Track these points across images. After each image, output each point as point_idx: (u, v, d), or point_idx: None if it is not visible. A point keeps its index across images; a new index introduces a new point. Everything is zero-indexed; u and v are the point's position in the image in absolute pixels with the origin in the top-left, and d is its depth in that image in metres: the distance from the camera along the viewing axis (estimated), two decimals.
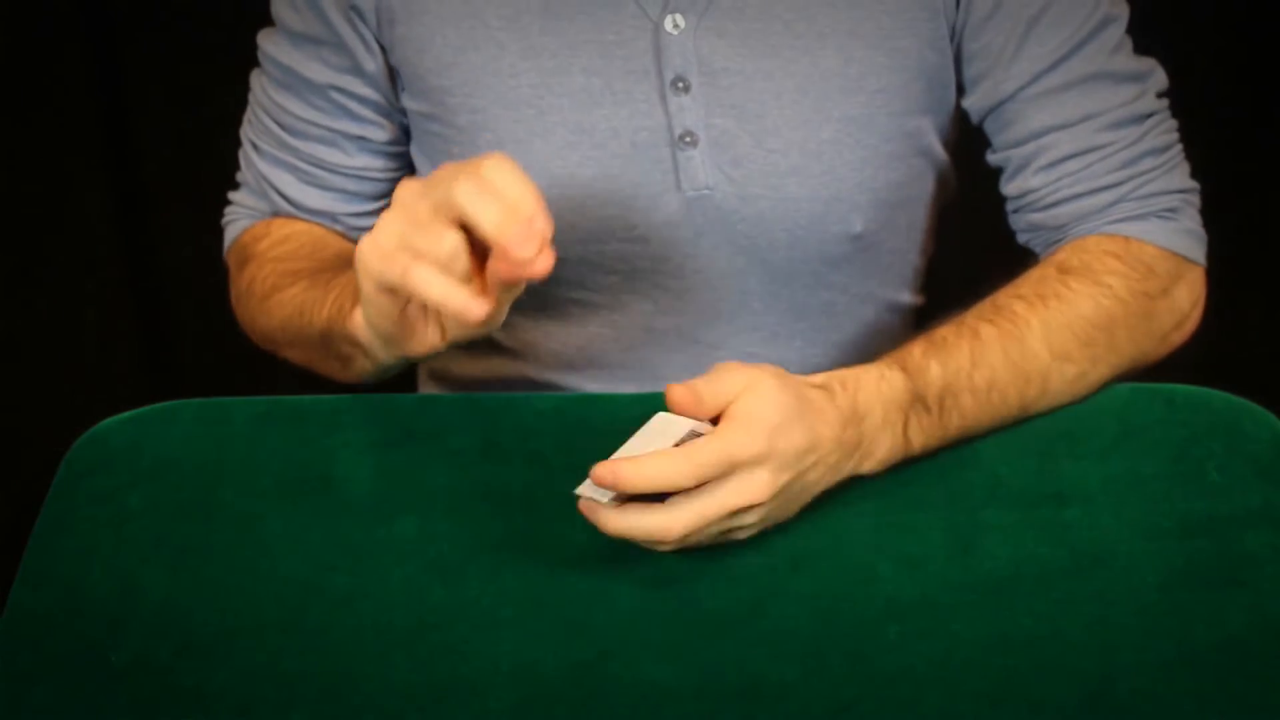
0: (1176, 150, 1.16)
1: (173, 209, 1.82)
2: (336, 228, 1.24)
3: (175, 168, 1.80)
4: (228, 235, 1.27)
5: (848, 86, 1.14)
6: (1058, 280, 1.10)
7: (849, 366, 1.02)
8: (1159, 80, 1.16)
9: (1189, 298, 1.15)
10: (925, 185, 1.22)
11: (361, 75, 1.18)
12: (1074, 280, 1.10)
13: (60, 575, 0.99)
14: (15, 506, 1.25)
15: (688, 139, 1.15)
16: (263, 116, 1.22)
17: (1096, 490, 1.01)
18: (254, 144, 1.23)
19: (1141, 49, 1.16)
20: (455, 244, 0.94)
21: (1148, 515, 0.99)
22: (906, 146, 1.18)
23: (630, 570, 0.97)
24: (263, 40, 1.21)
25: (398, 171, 1.24)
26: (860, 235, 1.19)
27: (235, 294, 1.24)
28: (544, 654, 0.93)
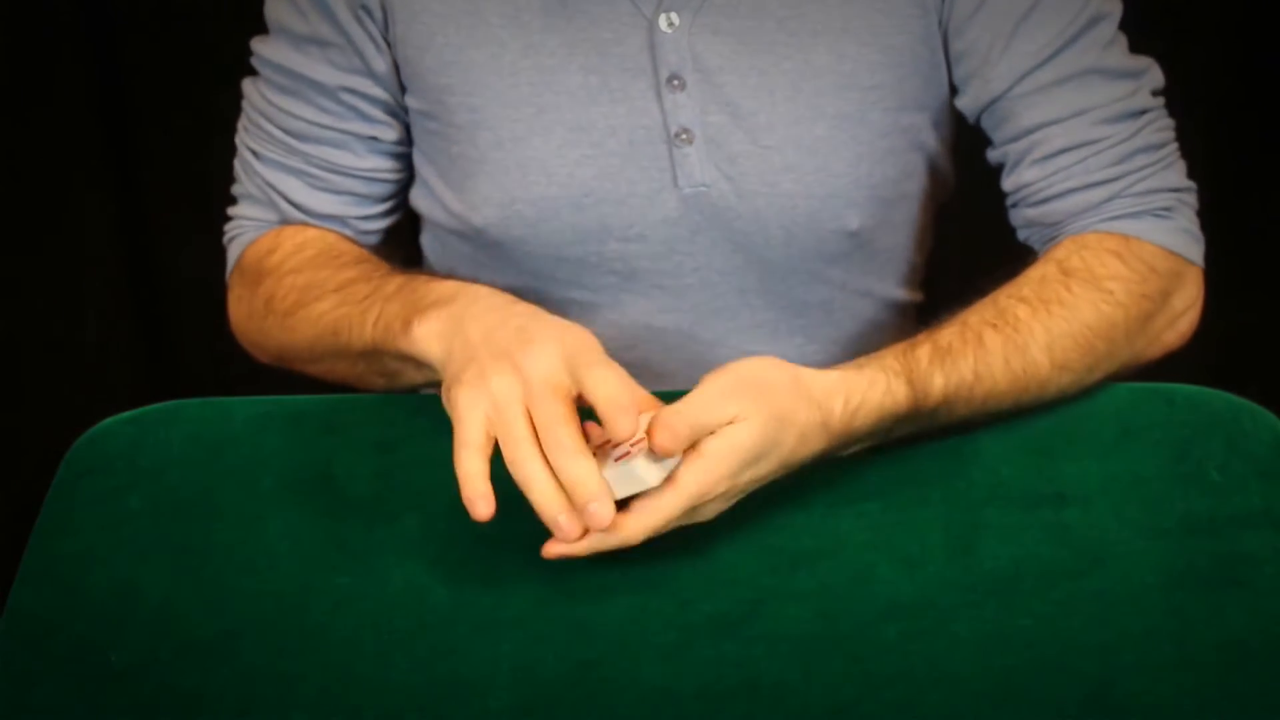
0: (1172, 149, 1.16)
1: (173, 209, 1.82)
2: (347, 232, 1.23)
3: (175, 168, 1.80)
4: (231, 252, 1.24)
5: (841, 83, 1.15)
6: (1060, 283, 1.09)
7: (860, 359, 1.03)
8: (1154, 78, 1.16)
9: (1185, 298, 1.14)
10: (922, 181, 1.22)
11: (372, 75, 1.18)
12: (1076, 284, 1.09)
13: (60, 575, 0.99)
14: (15, 506, 1.25)
15: (683, 136, 1.15)
16: (263, 123, 1.21)
17: (1096, 490, 1.01)
18: (255, 152, 1.22)
19: (1141, 48, 1.16)
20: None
21: (1148, 515, 0.99)
22: (902, 142, 1.18)
23: (630, 570, 0.97)
24: (258, 46, 1.20)
25: (404, 172, 1.24)
26: (857, 231, 1.19)
27: (245, 311, 1.22)
28: (544, 654, 0.93)
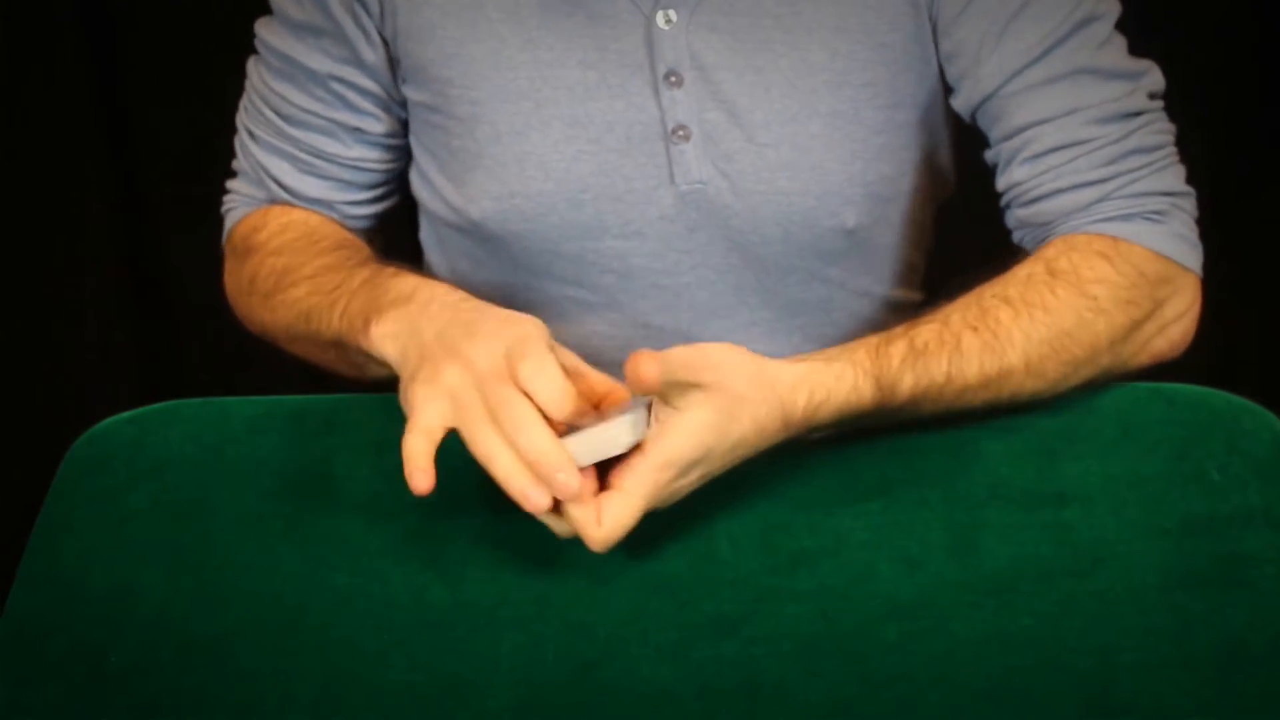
0: (1167, 152, 1.14)
1: (173, 209, 1.82)
2: (333, 215, 1.24)
3: (175, 168, 1.80)
4: (227, 222, 1.27)
5: (834, 81, 1.15)
6: (1045, 284, 1.07)
7: (831, 350, 1.02)
8: (1153, 81, 1.14)
9: (1177, 305, 1.11)
10: (919, 179, 1.22)
11: (362, 66, 1.18)
12: (1061, 287, 1.07)
13: (60, 575, 0.99)
14: (15, 506, 1.25)
15: (680, 133, 1.15)
16: (260, 105, 1.22)
17: (1096, 490, 1.01)
18: (251, 132, 1.24)
19: (1141, 49, 1.16)
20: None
21: (1148, 515, 0.99)
22: (897, 140, 1.18)
23: (630, 570, 0.97)
24: (261, 29, 1.21)
25: (394, 163, 1.25)
26: (853, 230, 1.19)
27: (235, 285, 1.24)
28: (544, 654, 0.93)
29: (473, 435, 0.94)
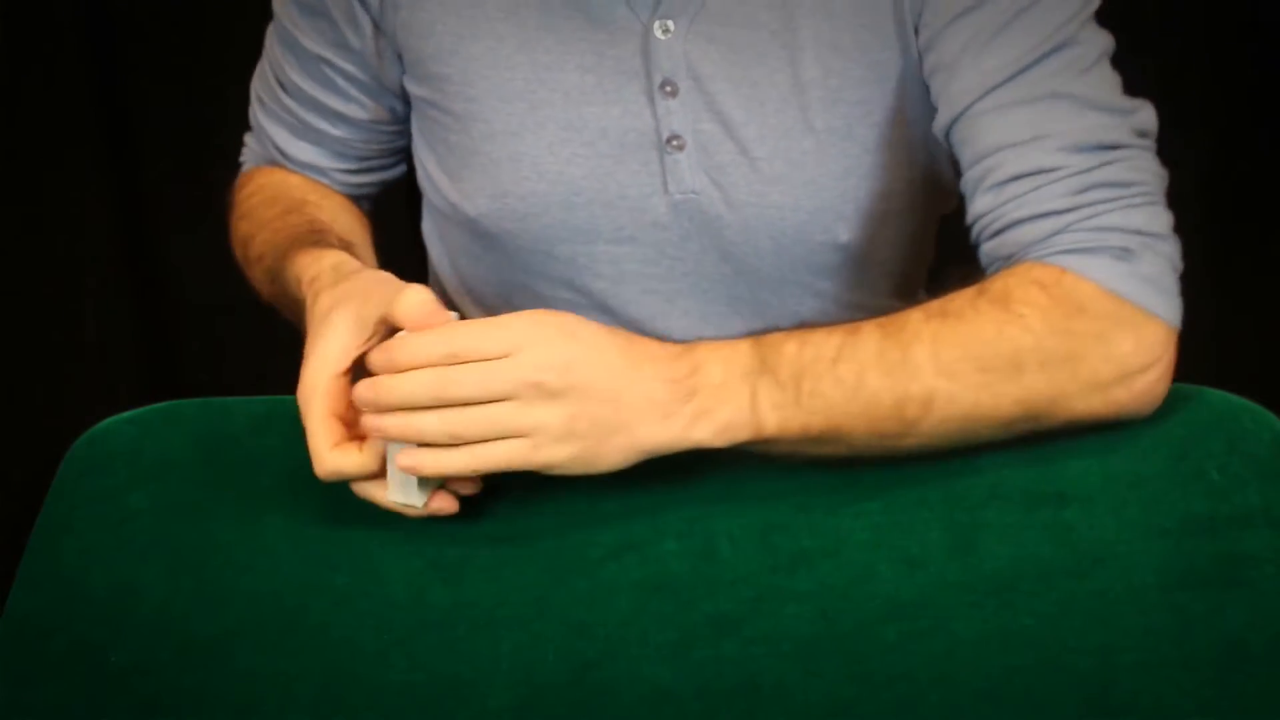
0: (1146, 190, 1.04)
1: (173, 208, 1.82)
2: (326, 181, 1.27)
3: (175, 167, 1.80)
4: (240, 172, 1.31)
5: (828, 98, 1.14)
6: (969, 301, 1.01)
7: None
8: (1142, 120, 1.07)
9: (1139, 351, 1.01)
10: (917, 194, 1.20)
11: (347, 51, 1.20)
12: (984, 303, 1.00)
13: (60, 575, 0.99)
14: (15, 506, 1.25)
15: (675, 142, 1.15)
16: (267, 69, 1.25)
17: (1096, 490, 1.01)
18: (259, 96, 1.27)
19: (1141, 49, 1.15)
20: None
21: (1148, 515, 0.99)
22: (892, 157, 1.17)
23: (630, 570, 0.97)
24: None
25: (382, 144, 1.27)
26: (847, 245, 1.19)
27: (232, 241, 1.26)
28: (544, 654, 0.93)
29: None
